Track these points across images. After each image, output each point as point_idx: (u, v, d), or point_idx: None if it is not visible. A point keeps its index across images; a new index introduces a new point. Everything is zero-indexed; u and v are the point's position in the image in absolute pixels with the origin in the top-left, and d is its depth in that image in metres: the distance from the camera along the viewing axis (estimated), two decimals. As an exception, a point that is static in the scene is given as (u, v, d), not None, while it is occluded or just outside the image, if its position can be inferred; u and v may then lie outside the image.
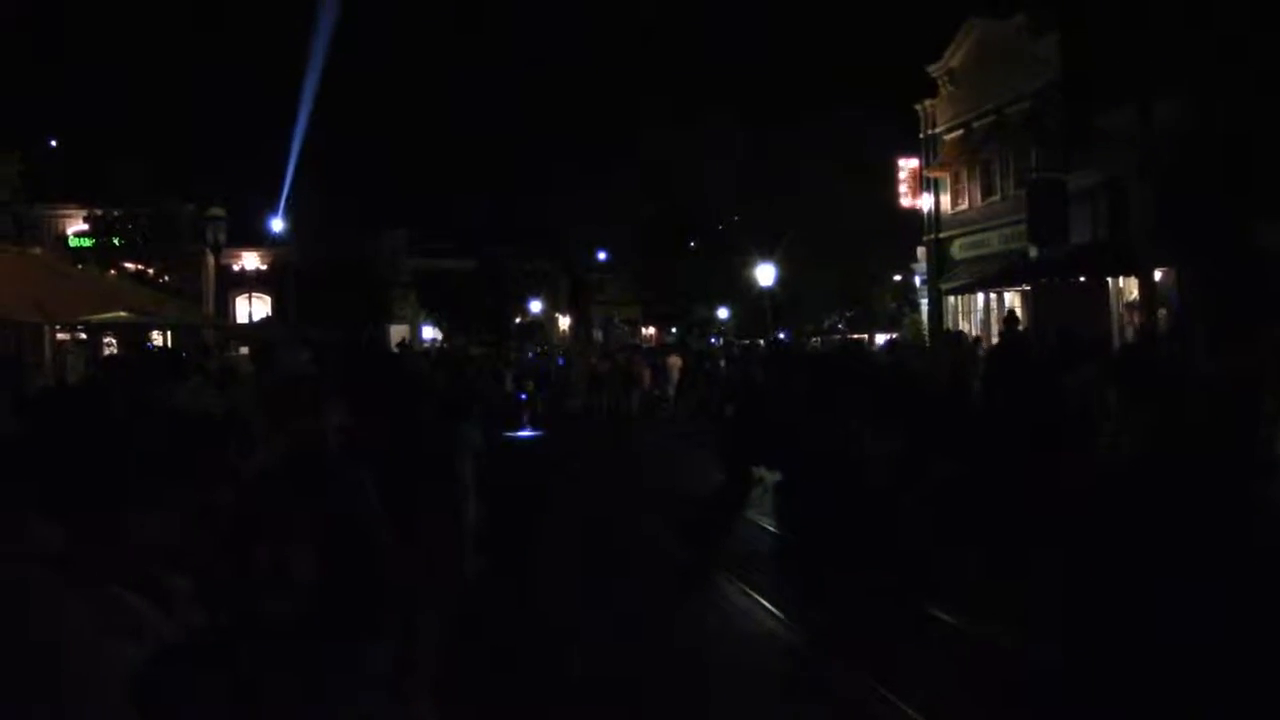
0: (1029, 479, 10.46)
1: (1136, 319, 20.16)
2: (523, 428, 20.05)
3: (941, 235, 30.15)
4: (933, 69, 29.86)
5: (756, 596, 7.73)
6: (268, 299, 38.53)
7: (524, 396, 23.14)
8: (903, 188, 31.62)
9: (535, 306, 55.98)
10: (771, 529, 10.44)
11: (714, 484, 10.47)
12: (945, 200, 30.21)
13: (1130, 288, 20.83)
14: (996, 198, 27.44)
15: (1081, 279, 21.68)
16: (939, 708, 5.51)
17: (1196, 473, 9.47)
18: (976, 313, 28.21)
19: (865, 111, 33.78)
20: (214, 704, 1.26)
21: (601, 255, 59.35)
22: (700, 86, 50.48)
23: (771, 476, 12.77)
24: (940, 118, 30.04)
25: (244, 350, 18.39)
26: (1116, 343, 18.13)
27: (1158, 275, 19.46)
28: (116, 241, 32.23)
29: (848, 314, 45.55)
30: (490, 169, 47.68)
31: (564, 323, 60.18)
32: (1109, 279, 21.25)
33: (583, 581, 8.39)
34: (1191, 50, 17.14)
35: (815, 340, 37.73)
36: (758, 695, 5.90)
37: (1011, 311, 19.51)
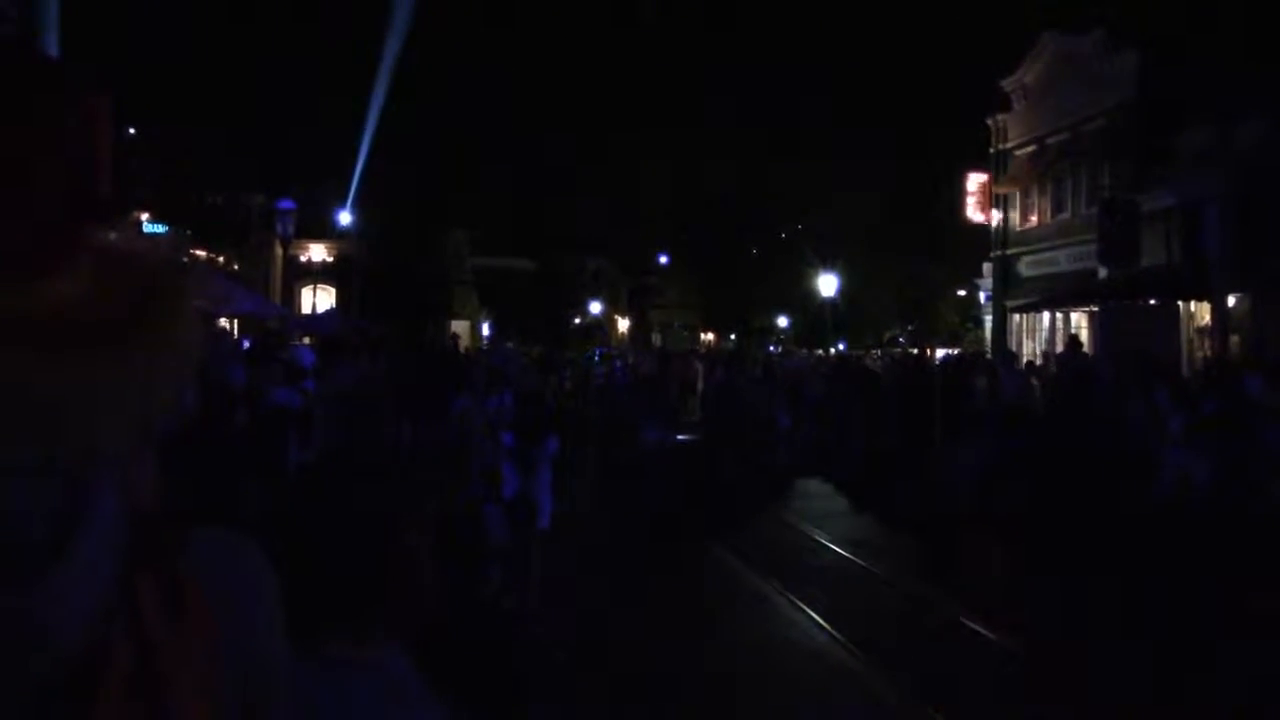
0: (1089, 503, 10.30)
1: (1208, 345, 19.71)
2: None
3: (1009, 251, 29.73)
4: (1006, 83, 29.48)
5: (805, 608, 7.70)
6: (332, 290, 39.10)
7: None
8: (970, 201, 31.22)
9: (595, 308, 56.22)
10: (824, 541, 10.41)
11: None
12: (1014, 216, 29.78)
13: (1202, 313, 20.36)
14: (1067, 215, 26.99)
15: (1152, 301, 21.25)
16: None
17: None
18: (1042, 331, 27.77)
19: (934, 123, 33.53)
20: None
21: (663, 259, 59.51)
22: (767, 92, 50.38)
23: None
24: (1012, 132, 29.63)
25: (306, 340, 18.70)
26: (1186, 368, 17.74)
27: (1231, 301, 19.02)
28: (189, 231, 32.97)
29: (909, 327, 45.16)
30: (555, 170, 47.92)
31: (623, 325, 60.36)
32: (1180, 303, 20.79)
33: (632, 584, 8.41)
34: (1270, 68, 16.76)
35: (875, 352, 37.44)
36: (802, 705, 5.88)
37: (1074, 336, 19.16)
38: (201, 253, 31.96)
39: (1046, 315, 27.07)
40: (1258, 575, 8.48)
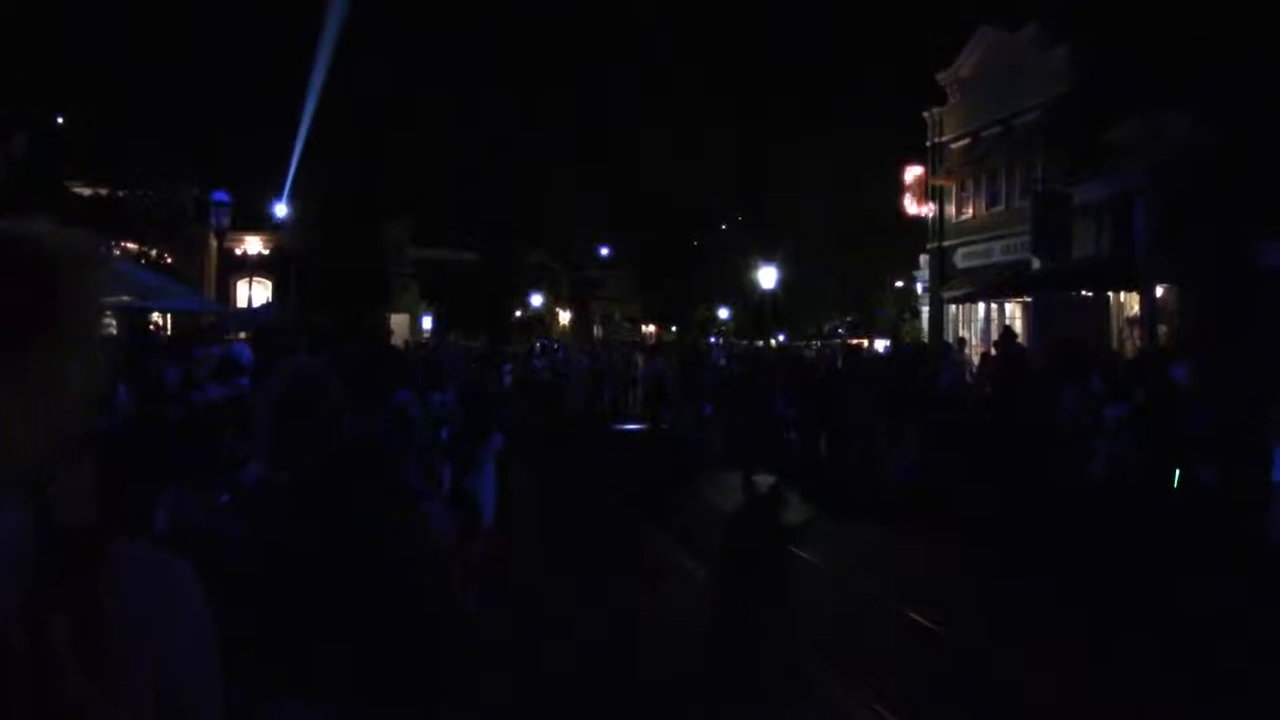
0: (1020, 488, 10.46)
1: (1136, 334, 20.17)
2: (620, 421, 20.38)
3: (945, 243, 30.12)
4: (942, 77, 29.79)
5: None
6: (268, 284, 38.44)
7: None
8: (907, 194, 31.57)
9: (536, 300, 55.94)
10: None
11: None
12: (950, 208, 30.18)
13: (1131, 303, 20.82)
14: (1001, 208, 27.41)
15: (1083, 292, 21.67)
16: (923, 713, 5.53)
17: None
18: (977, 322, 28.20)
19: (870, 116, 33.87)
20: None
21: (604, 251, 59.41)
22: (705, 86, 50.40)
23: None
24: (948, 126, 29.99)
25: (242, 335, 18.35)
26: (1115, 358, 18.13)
27: (1159, 291, 19.47)
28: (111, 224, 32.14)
29: (848, 319, 45.62)
30: (495, 162, 47.56)
31: (564, 317, 60.17)
32: (1110, 293, 21.24)
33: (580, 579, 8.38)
34: (1200, 64, 17.14)
35: (815, 343, 37.76)
36: (743, 695, 5.90)
37: (1008, 327, 19.51)
38: (132, 245, 31.24)
39: (982, 306, 27.49)
40: (1187, 558, 8.69)
